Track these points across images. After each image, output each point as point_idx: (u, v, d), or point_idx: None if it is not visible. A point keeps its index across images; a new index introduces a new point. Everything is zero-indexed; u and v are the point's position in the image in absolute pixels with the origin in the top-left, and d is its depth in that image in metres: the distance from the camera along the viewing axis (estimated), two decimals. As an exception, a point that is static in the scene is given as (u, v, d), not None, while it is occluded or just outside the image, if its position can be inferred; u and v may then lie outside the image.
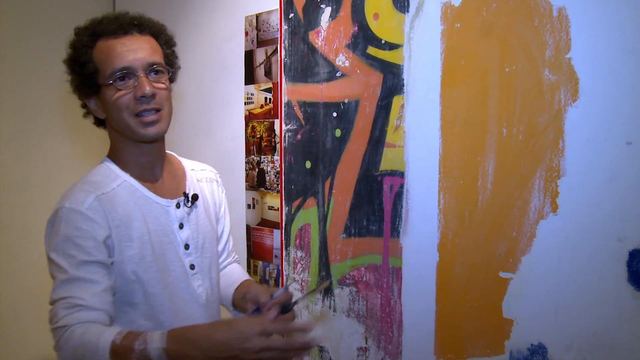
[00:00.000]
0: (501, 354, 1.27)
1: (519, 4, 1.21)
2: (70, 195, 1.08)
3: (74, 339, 0.96)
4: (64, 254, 1.02)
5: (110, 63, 1.07)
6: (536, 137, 1.19)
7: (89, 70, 1.08)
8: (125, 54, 1.07)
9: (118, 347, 0.94)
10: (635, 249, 1.07)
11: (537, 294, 1.21)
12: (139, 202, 1.11)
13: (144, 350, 0.93)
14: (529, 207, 1.21)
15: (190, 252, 1.16)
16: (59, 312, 0.99)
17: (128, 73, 1.07)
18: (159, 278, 1.10)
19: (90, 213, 1.04)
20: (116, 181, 1.11)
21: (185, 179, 1.23)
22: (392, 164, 1.46)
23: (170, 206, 1.16)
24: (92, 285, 1.00)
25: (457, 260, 1.34)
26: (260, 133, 1.85)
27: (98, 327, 0.98)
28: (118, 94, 1.07)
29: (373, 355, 1.54)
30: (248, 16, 1.87)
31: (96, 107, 1.14)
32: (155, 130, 1.10)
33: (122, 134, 1.13)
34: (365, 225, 1.53)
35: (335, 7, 1.57)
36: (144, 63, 1.08)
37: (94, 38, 1.10)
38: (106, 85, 1.08)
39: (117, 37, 1.09)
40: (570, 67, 1.14)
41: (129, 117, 1.08)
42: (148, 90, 1.06)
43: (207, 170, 1.32)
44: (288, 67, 1.72)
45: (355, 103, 1.53)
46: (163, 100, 1.11)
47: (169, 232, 1.14)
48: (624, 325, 1.09)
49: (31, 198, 2.23)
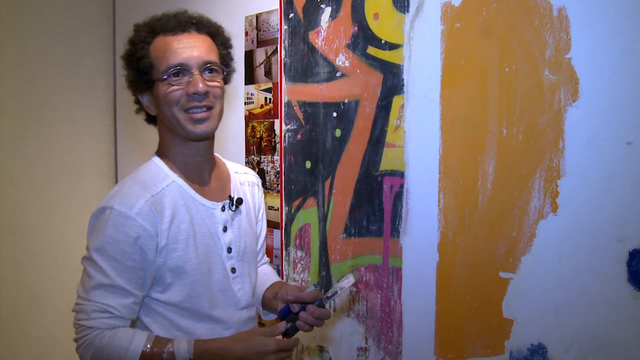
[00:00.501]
0: (501, 354, 1.27)
1: (519, 4, 1.21)
2: (120, 195, 1.07)
3: (103, 340, 1.02)
4: (107, 256, 1.03)
5: (166, 59, 1.08)
6: (536, 137, 1.19)
7: (145, 65, 1.09)
8: (182, 51, 1.08)
9: (148, 354, 1.01)
10: (635, 249, 1.07)
11: (537, 294, 1.21)
12: (187, 203, 1.12)
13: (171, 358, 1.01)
14: (529, 207, 1.21)
15: (232, 255, 1.17)
16: (91, 313, 1.03)
17: (183, 70, 1.08)
18: (202, 280, 1.11)
19: (140, 218, 1.04)
20: (165, 181, 1.12)
21: (230, 182, 1.24)
22: (392, 164, 1.46)
23: (216, 209, 1.16)
24: (126, 296, 1.05)
25: (457, 260, 1.34)
26: (260, 133, 1.85)
27: (128, 332, 1.04)
28: (171, 89, 1.08)
29: (373, 355, 1.54)
30: (248, 16, 1.87)
31: (149, 103, 1.15)
32: (203, 128, 1.10)
33: (172, 132, 1.13)
34: (365, 225, 1.53)
35: (335, 7, 1.57)
36: (199, 61, 1.09)
37: (152, 34, 1.11)
38: (160, 80, 1.09)
39: (174, 34, 1.10)
40: (570, 67, 1.14)
41: (179, 112, 1.09)
42: (201, 88, 1.07)
43: (250, 174, 1.34)
44: (288, 67, 1.72)
45: (355, 103, 1.53)
46: (215, 99, 1.11)
47: (213, 235, 1.14)
48: (624, 325, 1.09)
49: (32, 198, 2.23)
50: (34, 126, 2.24)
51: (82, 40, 2.40)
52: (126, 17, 2.46)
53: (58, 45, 2.31)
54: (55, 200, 2.30)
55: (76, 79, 2.38)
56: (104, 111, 2.51)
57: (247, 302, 1.21)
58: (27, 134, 2.22)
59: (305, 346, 1.72)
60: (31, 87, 2.23)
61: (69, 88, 2.36)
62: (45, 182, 2.27)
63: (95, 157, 2.48)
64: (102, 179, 2.50)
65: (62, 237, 2.31)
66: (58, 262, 2.30)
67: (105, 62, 2.51)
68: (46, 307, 2.27)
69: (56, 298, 2.29)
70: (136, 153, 2.42)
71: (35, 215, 2.24)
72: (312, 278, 1.68)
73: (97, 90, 2.48)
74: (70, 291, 2.31)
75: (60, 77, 2.33)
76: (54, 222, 2.29)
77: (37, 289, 2.25)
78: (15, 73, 2.18)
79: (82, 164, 2.42)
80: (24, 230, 2.21)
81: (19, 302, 2.19)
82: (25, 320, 2.22)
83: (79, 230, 2.35)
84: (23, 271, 2.20)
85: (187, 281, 1.10)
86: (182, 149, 1.15)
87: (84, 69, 2.42)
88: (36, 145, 2.25)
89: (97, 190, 2.46)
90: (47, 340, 2.27)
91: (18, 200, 2.19)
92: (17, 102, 2.19)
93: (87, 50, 2.43)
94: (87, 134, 2.44)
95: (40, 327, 2.25)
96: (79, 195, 2.39)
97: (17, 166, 2.19)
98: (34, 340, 2.23)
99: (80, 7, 2.38)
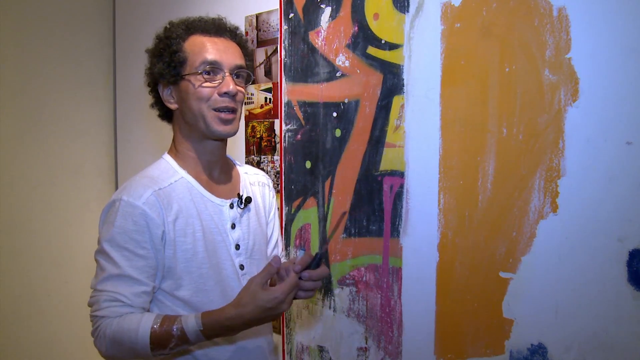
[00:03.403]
0: (501, 354, 1.27)
1: (519, 4, 1.21)
2: (128, 188, 1.10)
3: (113, 326, 1.02)
4: (118, 246, 1.05)
5: (202, 54, 1.12)
6: (536, 137, 1.19)
7: (178, 59, 1.13)
8: (217, 51, 1.13)
9: (157, 333, 1.01)
10: (635, 249, 1.07)
11: (537, 294, 1.21)
12: (194, 199, 1.15)
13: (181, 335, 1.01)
14: (529, 207, 1.21)
15: (240, 252, 1.19)
16: (102, 303, 1.04)
17: (216, 68, 1.12)
18: (211, 275, 1.13)
19: (147, 207, 1.07)
20: (174, 177, 1.15)
21: (240, 182, 1.27)
22: (392, 164, 1.46)
23: (224, 206, 1.18)
24: (137, 285, 1.05)
25: (457, 260, 1.34)
26: (260, 133, 1.85)
27: (135, 315, 1.04)
28: (203, 84, 1.11)
29: (373, 355, 1.54)
30: (248, 16, 1.87)
31: (169, 97, 1.17)
32: (228, 129, 1.14)
33: (191, 128, 1.16)
34: (366, 225, 1.53)
35: (335, 7, 1.57)
36: (232, 63, 1.13)
37: (188, 32, 1.16)
38: (193, 74, 1.12)
39: (210, 36, 1.15)
40: (570, 67, 1.14)
41: (208, 109, 1.12)
42: (232, 89, 1.11)
43: (260, 174, 1.36)
44: (288, 67, 1.72)
45: (355, 103, 1.53)
46: (240, 103, 1.16)
47: (221, 231, 1.17)
48: (624, 325, 1.09)
49: (32, 198, 2.23)
50: (34, 126, 2.24)
51: (82, 40, 2.40)
52: (126, 17, 2.46)
53: (58, 45, 2.31)
54: (56, 199, 2.30)
55: (76, 79, 2.38)
56: (104, 111, 2.51)
57: None
58: (27, 134, 2.22)
59: (305, 346, 1.72)
60: (31, 87, 2.23)
61: (69, 88, 2.36)
62: (45, 182, 2.27)
63: (95, 157, 2.48)
64: (102, 179, 2.50)
65: (62, 236, 2.31)
66: (58, 262, 2.30)
67: (105, 62, 2.51)
68: (46, 307, 2.27)
69: (56, 298, 2.29)
70: (136, 153, 2.42)
71: (36, 215, 2.24)
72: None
73: (97, 90, 2.48)
74: (71, 291, 2.33)
75: (60, 77, 2.33)
76: (54, 222, 2.29)
77: (37, 289, 2.25)
78: (15, 73, 2.18)
79: (82, 164, 2.42)
80: (24, 230, 2.21)
81: (19, 301, 2.19)
82: (26, 320, 2.22)
83: (79, 230, 2.36)
84: (23, 271, 2.21)
85: (196, 275, 1.11)
86: (196, 146, 1.18)
87: (84, 69, 2.42)
88: (36, 145, 2.25)
89: (97, 190, 2.46)
90: (48, 340, 2.27)
91: (18, 200, 2.19)
92: (17, 102, 2.19)
93: (87, 50, 2.43)
94: (87, 134, 2.44)
95: (40, 326, 2.25)
96: (79, 195, 2.39)
97: (17, 166, 2.19)
98: (34, 339, 2.23)
99: (80, 7, 2.38)
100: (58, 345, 2.30)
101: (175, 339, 1.01)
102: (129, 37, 2.43)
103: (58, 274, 2.29)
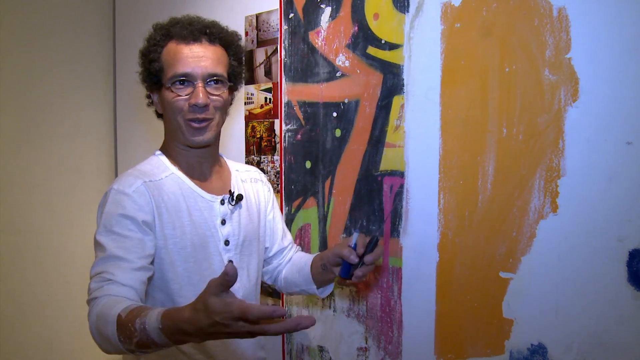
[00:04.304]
0: (501, 354, 1.27)
1: (519, 4, 1.21)
2: (120, 179, 1.13)
3: (97, 308, 0.93)
4: (106, 231, 1.05)
5: (174, 67, 1.12)
6: (536, 137, 1.19)
7: (155, 68, 1.15)
8: (189, 62, 1.12)
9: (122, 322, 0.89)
10: (635, 249, 1.07)
11: (537, 294, 1.21)
12: (185, 193, 1.16)
13: (143, 329, 0.86)
14: (529, 207, 1.21)
15: (229, 248, 1.20)
16: (92, 286, 1.00)
17: (187, 80, 1.12)
18: (197, 269, 1.14)
19: (136, 195, 1.09)
20: (165, 172, 1.18)
21: (231, 180, 1.28)
22: (392, 164, 1.46)
23: (215, 201, 1.20)
24: (125, 263, 1.01)
25: (457, 260, 1.34)
26: (260, 133, 1.85)
27: (116, 300, 0.94)
28: (175, 97, 1.12)
29: (373, 355, 1.54)
30: (248, 16, 1.87)
31: (157, 102, 1.21)
32: (201, 138, 1.15)
33: (174, 135, 1.19)
34: (365, 225, 1.53)
35: (335, 7, 1.57)
36: (204, 73, 1.12)
37: (166, 38, 1.16)
38: (166, 87, 1.14)
39: (187, 43, 1.14)
40: (570, 67, 1.14)
41: (182, 119, 1.14)
42: (201, 101, 1.11)
43: (252, 170, 1.38)
44: (288, 67, 1.72)
45: (355, 103, 1.53)
46: (215, 110, 1.15)
47: (211, 226, 1.18)
48: (624, 325, 1.09)
49: (32, 197, 2.23)
50: (34, 126, 2.24)
51: (82, 40, 2.40)
52: (126, 17, 2.46)
53: (58, 45, 2.31)
54: (56, 199, 2.30)
55: (76, 79, 2.38)
56: (104, 111, 2.51)
57: (246, 295, 1.23)
58: (27, 134, 2.22)
59: (305, 346, 1.72)
60: (31, 87, 2.23)
61: (69, 88, 2.36)
62: (45, 182, 2.27)
63: (95, 156, 2.48)
64: (102, 179, 2.50)
65: (62, 236, 2.31)
66: (58, 261, 2.30)
67: (105, 62, 2.51)
68: (46, 307, 2.27)
69: (56, 297, 2.29)
70: (136, 152, 2.42)
71: (36, 215, 2.24)
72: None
73: (97, 90, 2.48)
74: (71, 290, 2.33)
75: (60, 77, 2.33)
76: (54, 222, 2.29)
77: (37, 288, 2.25)
78: (15, 73, 2.18)
79: (82, 163, 2.42)
80: (24, 230, 2.21)
81: (19, 301, 2.19)
82: (26, 320, 2.22)
83: (79, 230, 2.35)
84: (23, 270, 2.20)
85: (181, 268, 1.12)
86: (183, 149, 1.20)
87: (84, 69, 2.42)
88: (36, 144, 2.25)
89: (97, 189, 2.46)
90: (48, 339, 2.27)
91: (18, 199, 2.19)
92: (18, 102, 2.19)
93: (87, 50, 2.43)
94: (87, 134, 2.44)
95: (40, 326, 2.25)
96: (79, 194, 2.39)
97: (18, 166, 2.19)
98: (35, 339, 2.23)
99: (80, 7, 2.38)
100: (58, 345, 2.30)
101: (139, 333, 0.86)
102: (129, 37, 2.43)
103: (58, 274, 2.29)
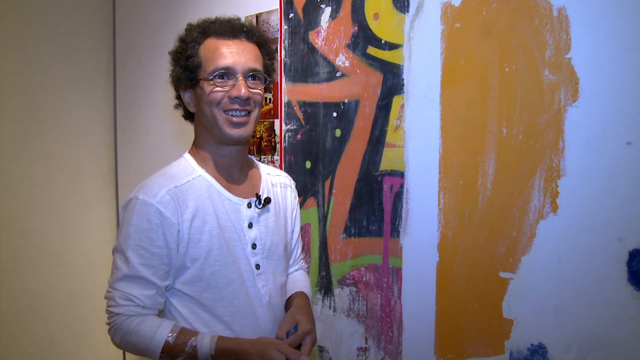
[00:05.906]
0: (501, 354, 1.27)
1: (519, 4, 1.21)
2: (145, 186, 1.12)
3: (131, 326, 1.08)
4: (133, 244, 1.08)
5: (215, 60, 1.13)
6: (536, 137, 1.19)
7: (193, 64, 1.14)
8: (230, 55, 1.13)
9: (171, 346, 1.06)
10: (635, 249, 1.07)
11: (537, 294, 1.21)
12: (212, 196, 1.15)
13: (194, 353, 1.06)
14: (529, 207, 1.21)
15: (256, 252, 1.19)
16: (117, 300, 1.09)
17: (228, 73, 1.13)
18: (223, 273, 1.14)
19: (161, 206, 1.08)
20: (192, 174, 1.16)
21: (261, 182, 1.27)
22: (392, 164, 1.46)
23: (242, 205, 1.19)
24: (150, 288, 1.09)
25: (457, 260, 1.34)
26: (260, 133, 1.85)
27: (154, 320, 1.09)
28: (214, 89, 1.12)
29: (373, 355, 1.54)
30: (248, 16, 1.87)
31: (189, 100, 1.19)
32: (240, 132, 1.14)
33: (209, 131, 1.17)
34: (365, 225, 1.53)
35: (335, 7, 1.57)
36: (245, 67, 1.13)
37: (203, 35, 1.16)
38: (206, 80, 1.13)
39: (225, 39, 1.15)
40: (570, 67, 1.14)
41: (219, 112, 1.13)
42: (243, 93, 1.11)
43: (282, 176, 1.36)
44: (288, 67, 1.72)
45: (355, 103, 1.53)
46: (255, 105, 1.16)
47: (238, 230, 1.17)
48: (624, 325, 1.09)
49: (32, 198, 2.23)
50: (34, 126, 2.24)
51: (82, 40, 2.40)
52: (126, 17, 2.46)
53: (58, 45, 2.31)
54: (56, 199, 2.30)
55: (76, 79, 2.38)
56: (104, 111, 2.51)
57: (272, 299, 1.21)
58: (27, 134, 2.22)
59: (305, 346, 1.72)
60: (31, 87, 2.23)
61: (69, 88, 2.36)
62: (45, 182, 2.27)
63: (95, 157, 2.48)
64: (102, 179, 2.50)
65: (62, 236, 2.31)
66: (58, 262, 2.30)
67: (105, 62, 2.51)
68: (46, 307, 2.27)
69: (56, 298, 2.29)
70: (136, 153, 2.42)
71: (36, 215, 2.24)
72: (312, 278, 1.68)
73: (97, 90, 2.48)
74: (71, 290, 2.33)
75: (60, 77, 2.33)
76: (54, 222, 2.29)
77: (37, 289, 2.25)
78: (15, 73, 2.18)
79: (82, 163, 2.42)
80: (24, 230, 2.21)
81: (19, 301, 2.19)
82: (26, 320, 2.22)
83: (79, 230, 2.36)
84: (23, 271, 2.20)
85: (209, 272, 1.12)
86: (215, 149, 1.19)
87: (84, 69, 2.42)
88: (36, 144, 2.25)
89: (97, 190, 2.46)
90: (48, 340, 2.27)
91: (18, 200, 2.19)
92: (18, 102, 2.19)
93: (87, 50, 2.43)
94: (87, 134, 2.44)
95: (40, 326, 2.25)
96: (79, 195, 2.39)
97: (17, 166, 2.19)
98: (35, 340, 2.23)
99: (80, 7, 2.38)
100: (58, 345, 2.30)
101: (185, 354, 1.06)
102: (129, 37, 2.43)
103: (58, 274, 2.29)
